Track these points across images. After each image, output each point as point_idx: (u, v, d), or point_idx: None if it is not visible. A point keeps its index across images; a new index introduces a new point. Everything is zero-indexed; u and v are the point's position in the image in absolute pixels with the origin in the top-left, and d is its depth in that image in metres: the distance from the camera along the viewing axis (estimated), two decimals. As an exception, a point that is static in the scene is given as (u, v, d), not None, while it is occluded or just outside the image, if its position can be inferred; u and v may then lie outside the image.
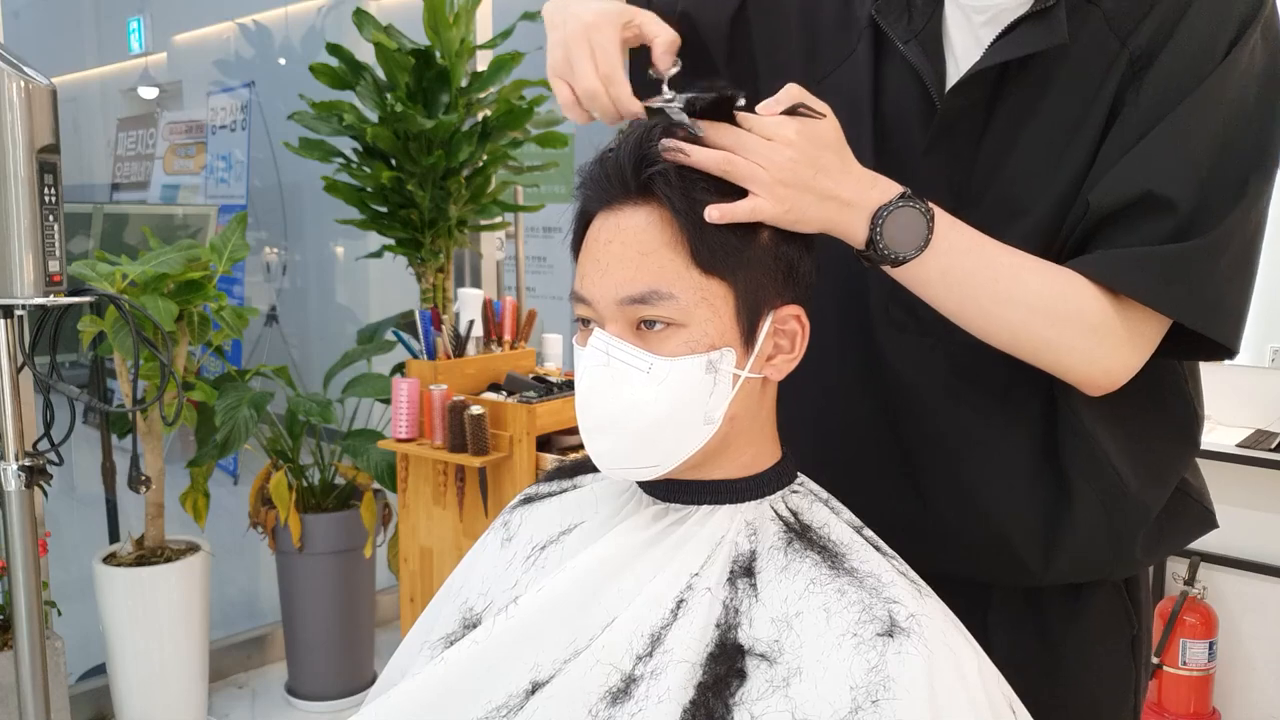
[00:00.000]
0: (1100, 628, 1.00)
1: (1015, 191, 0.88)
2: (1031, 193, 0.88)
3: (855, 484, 0.89)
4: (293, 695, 2.62)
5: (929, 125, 0.91)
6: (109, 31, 4.51)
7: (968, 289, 0.82)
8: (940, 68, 0.91)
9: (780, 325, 0.81)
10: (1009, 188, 0.88)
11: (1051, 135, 0.87)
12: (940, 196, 0.83)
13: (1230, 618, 2.51)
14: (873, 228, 0.79)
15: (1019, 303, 0.82)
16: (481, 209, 2.65)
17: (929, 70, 0.90)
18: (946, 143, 0.90)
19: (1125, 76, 0.84)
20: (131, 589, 2.28)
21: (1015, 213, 0.88)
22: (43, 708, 1.59)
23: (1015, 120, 0.88)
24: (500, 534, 0.95)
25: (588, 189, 0.81)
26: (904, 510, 0.96)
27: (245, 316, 2.44)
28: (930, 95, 0.90)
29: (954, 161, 0.90)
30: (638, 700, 0.73)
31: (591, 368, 0.78)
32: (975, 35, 0.90)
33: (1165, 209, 0.81)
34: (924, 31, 0.92)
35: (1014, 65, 0.87)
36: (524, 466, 2.16)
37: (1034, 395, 0.91)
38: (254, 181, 3.77)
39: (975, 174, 0.90)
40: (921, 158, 0.91)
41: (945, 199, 0.83)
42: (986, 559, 0.96)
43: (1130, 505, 0.93)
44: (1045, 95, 0.87)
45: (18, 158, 1.45)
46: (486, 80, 2.51)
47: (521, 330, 2.47)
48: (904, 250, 0.80)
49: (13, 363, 1.55)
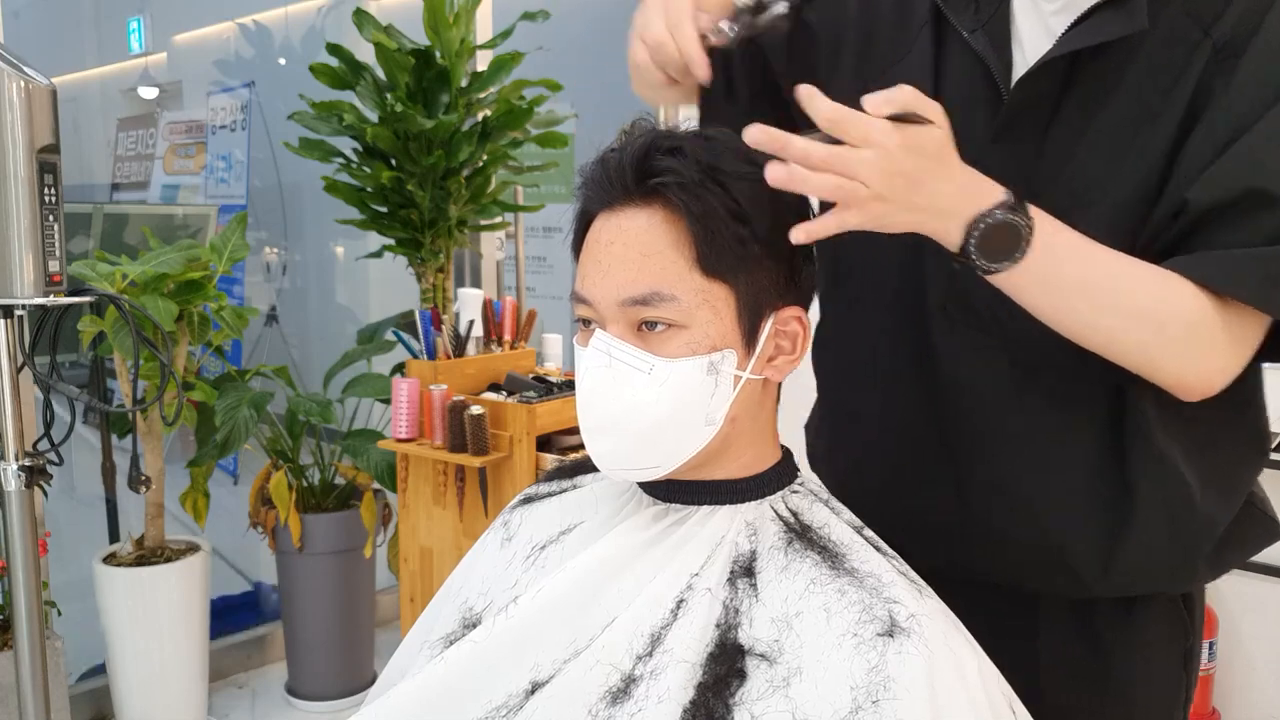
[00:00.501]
0: (1154, 639, 0.96)
1: (1084, 183, 0.85)
2: (1102, 184, 0.85)
3: (904, 486, 0.88)
4: (293, 695, 2.62)
5: (995, 115, 0.88)
6: (109, 31, 4.51)
7: (1065, 296, 0.80)
8: (1006, 58, 0.89)
9: (781, 327, 0.81)
10: (1077, 179, 0.86)
11: (1124, 126, 0.84)
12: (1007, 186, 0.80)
13: (1230, 618, 2.51)
14: (967, 237, 0.77)
15: (1118, 309, 0.80)
16: (481, 209, 2.65)
17: (995, 60, 0.88)
18: (1013, 133, 0.88)
19: (1209, 67, 0.81)
20: (131, 589, 2.28)
21: (1083, 204, 0.84)
22: (43, 708, 1.59)
23: (1086, 110, 0.85)
24: (500, 534, 0.95)
25: (589, 189, 0.81)
26: (953, 514, 0.93)
27: (245, 316, 2.44)
28: (996, 85, 0.88)
29: (1021, 152, 0.87)
30: (637, 700, 0.73)
31: (593, 368, 0.78)
32: (1045, 24, 0.87)
33: (1271, 207, 0.78)
34: (991, 21, 0.89)
35: (1086, 54, 0.84)
36: (524, 466, 2.16)
37: (1098, 397, 0.88)
38: (254, 181, 3.77)
39: (1043, 165, 0.87)
40: (988, 147, 0.88)
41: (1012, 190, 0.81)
42: (1038, 567, 0.93)
43: (1197, 516, 0.89)
44: (1119, 85, 0.84)
45: (18, 158, 1.45)
46: (486, 80, 2.51)
47: (521, 330, 2.47)
48: (997, 262, 0.78)
49: (13, 363, 1.55)
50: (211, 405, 2.33)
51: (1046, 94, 0.86)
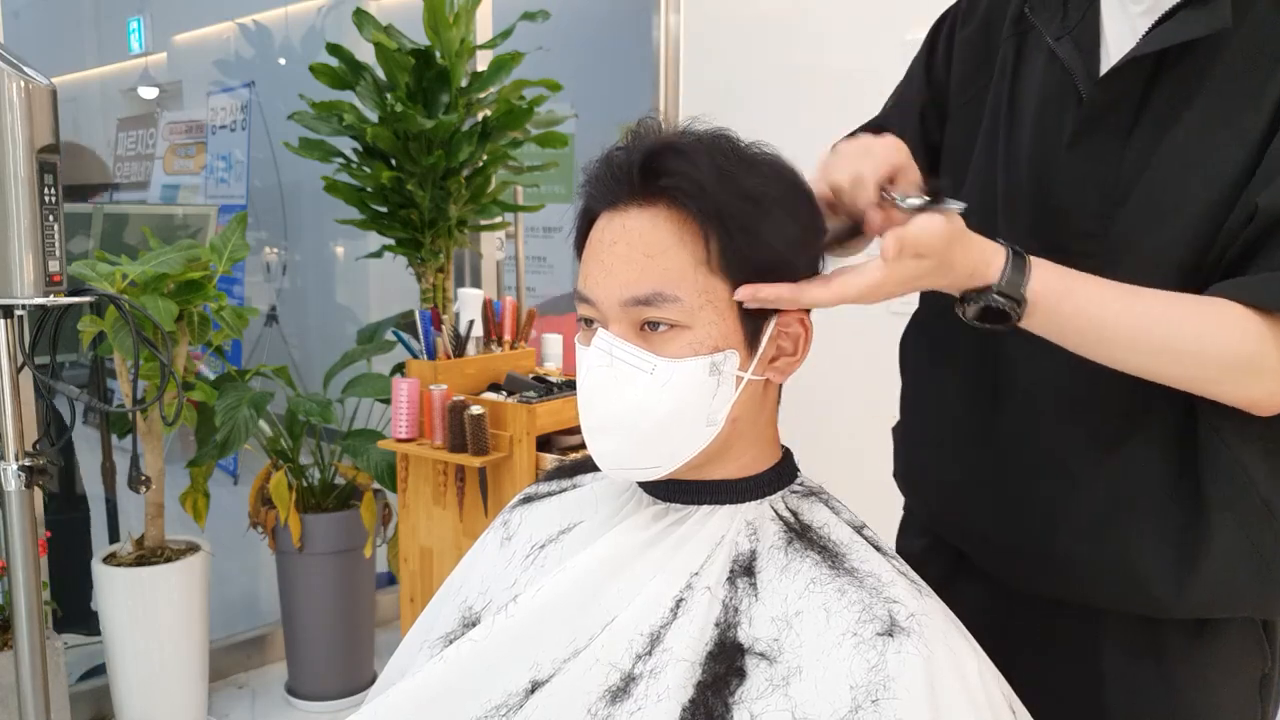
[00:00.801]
0: (1229, 663, 0.92)
1: (1166, 191, 0.83)
2: (1185, 192, 0.82)
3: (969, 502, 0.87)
4: (293, 695, 2.62)
5: (1075, 122, 0.87)
6: (109, 31, 4.50)
7: (1088, 347, 0.80)
8: (1094, 63, 0.87)
9: (784, 328, 0.81)
10: (1159, 186, 0.83)
11: (1209, 131, 0.81)
12: (1085, 194, 0.80)
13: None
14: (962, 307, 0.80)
15: (1163, 352, 0.79)
16: (481, 209, 2.65)
17: (1080, 65, 0.87)
18: (1093, 138, 0.86)
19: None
20: (131, 589, 2.28)
21: (1165, 213, 0.83)
22: (43, 708, 1.59)
23: (1169, 114, 0.83)
24: (500, 533, 0.95)
25: (593, 188, 0.81)
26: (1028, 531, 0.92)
27: (245, 316, 2.43)
28: (1078, 89, 0.87)
29: (1100, 158, 0.86)
30: (637, 699, 0.73)
31: (594, 368, 0.79)
32: (1132, 26, 0.86)
33: None
34: (1079, 27, 0.88)
35: (1171, 56, 0.82)
36: (524, 466, 2.16)
37: (1170, 411, 0.85)
38: (254, 181, 3.77)
39: (1123, 171, 0.85)
40: (1065, 152, 0.87)
41: (1091, 197, 0.81)
42: (1113, 588, 0.90)
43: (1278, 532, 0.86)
44: (1203, 88, 0.82)
45: (18, 158, 1.45)
46: (486, 80, 2.51)
47: (521, 330, 2.47)
48: (994, 324, 0.79)
49: (13, 363, 1.55)
50: (211, 405, 2.33)
51: (1128, 97, 0.84)
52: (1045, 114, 0.89)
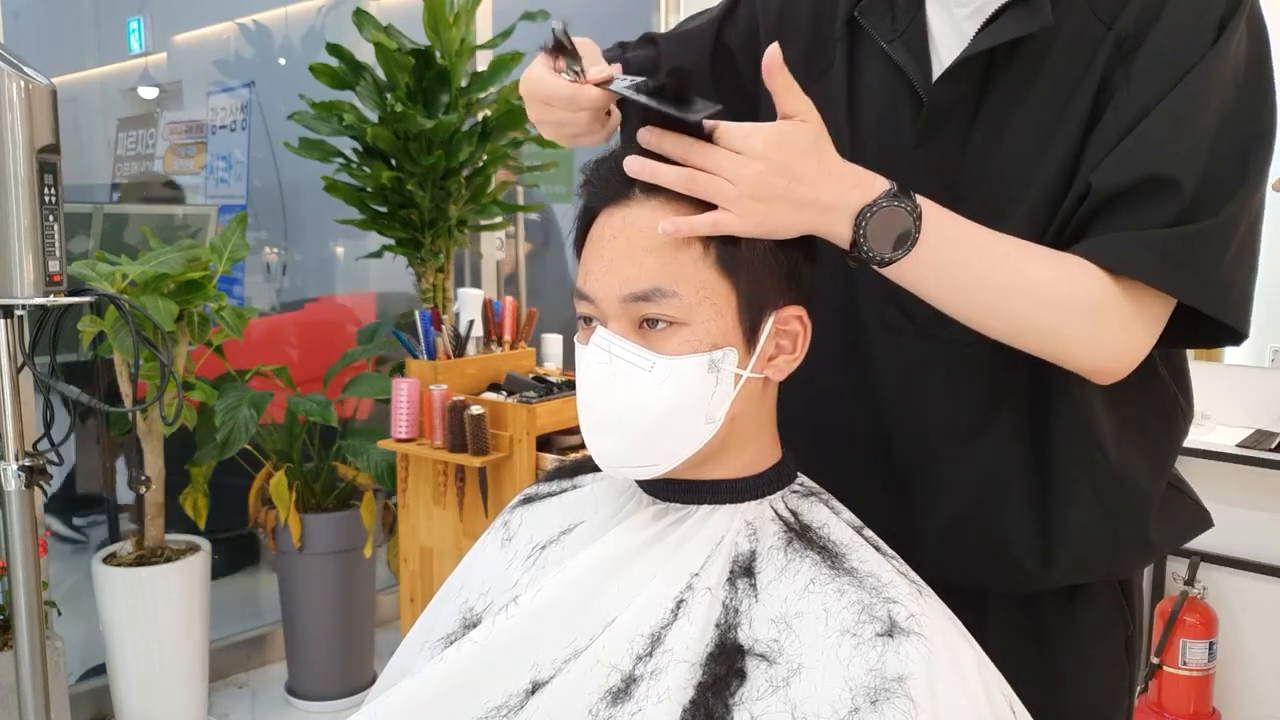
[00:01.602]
0: (1096, 629, 0.99)
1: (1007, 181, 0.88)
2: (1023, 181, 0.87)
3: (846, 492, 0.89)
4: (293, 695, 2.62)
5: (915, 121, 0.91)
6: (109, 31, 4.50)
7: (964, 283, 0.81)
8: (925, 65, 0.92)
9: (782, 325, 0.81)
10: (1000, 178, 0.88)
11: (1039, 122, 0.87)
12: (931, 191, 0.82)
13: (1230, 618, 2.51)
14: (856, 229, 0.77)
15: (1019, 292, 0.81)
16: (481, 209, 2.65)
17: (914, 67, 0.91)
18: (934, 137, 0.91)
19: (1112, 59, 0.84)
20: (131, 589, 2.28)
21: (1009, 201, 0.87)
22: (43, 708, 1.59)
23: (1002, 110, 0.88)
24: (500, 534, 0.95)
25: (593, 185, 0.81)
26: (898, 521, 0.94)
27: (245, 316, 2.44)
28: (917, 93, 0.91)
29: (943, 155, 0.90)
30: (637, 700, 0.73)
31: (594, 366, 0.79)
32: (958, 29, 0.91)
33: (1169, 191, 0.80)
34: (908, 30, 0.92)
35: (1000, 55, 0.87)
36: (524, 466, 2.16)
37: (1025, 387, 0.91)
38: (254, 181, 3.77)
39: (965, 166, 0.90)
40: (910, 153, 0.91)
41: (937, 193, 0.82)
42: (984, 566, 0.95)
43: (1128, 496, 0.93)
44: (1032, 83, 0.87)
45: (18, 158, 1.45)
46: (486, 80, 2.52)
47: (521, 330, 2.47)
48: (889, 251, 0.78)
49: (13, 363, 1.55)
50: (211, 405, 2.34)
51: (964, 96, 0.89)
52: (886, 114, 0.93)
